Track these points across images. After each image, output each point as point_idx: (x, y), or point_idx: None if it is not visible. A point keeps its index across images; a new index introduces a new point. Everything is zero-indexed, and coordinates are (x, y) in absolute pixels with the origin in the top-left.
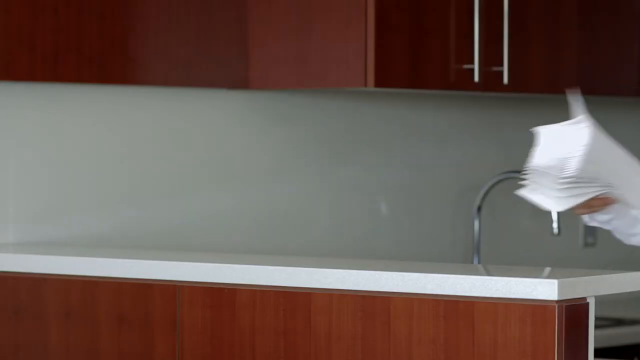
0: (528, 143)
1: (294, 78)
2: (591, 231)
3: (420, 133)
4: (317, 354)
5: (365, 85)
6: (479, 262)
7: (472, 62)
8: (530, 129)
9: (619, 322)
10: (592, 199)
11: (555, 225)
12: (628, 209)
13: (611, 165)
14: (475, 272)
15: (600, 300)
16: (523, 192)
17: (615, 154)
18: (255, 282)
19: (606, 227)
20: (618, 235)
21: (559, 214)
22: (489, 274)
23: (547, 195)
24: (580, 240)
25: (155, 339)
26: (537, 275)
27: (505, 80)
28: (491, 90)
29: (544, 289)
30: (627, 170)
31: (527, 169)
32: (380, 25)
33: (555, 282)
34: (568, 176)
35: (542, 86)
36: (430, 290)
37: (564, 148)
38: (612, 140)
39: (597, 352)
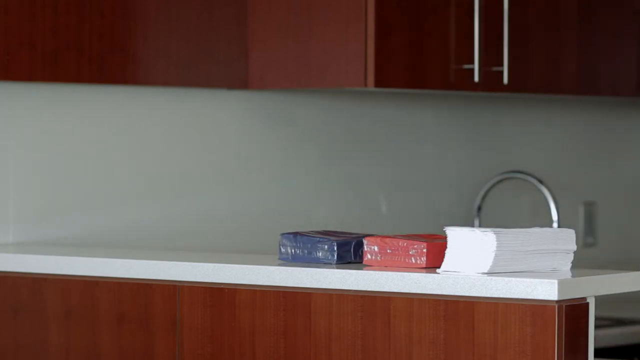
0: (528, 143)
1: (294, 78)
2: (591, 231)
3: (420, 133)
4: (317, 354)
5: (365, 85)
6: None
7: (472, 62)
8: (530, 131)
9: (619, 322)
10: None
11: (555, 225)
12: None
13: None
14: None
15: (600, 300)
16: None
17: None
18: (255, 282)
19: None
20: None
21: (559, 214)
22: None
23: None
24: (580, 240)
25: (155, 339)
26: (537, 275)
27: (505, 80)
28: (491, 90)
29: (544, 288)
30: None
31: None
32: (380, 25)
33: (555, 282)
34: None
35: (542, 86)
36: (430, 290)
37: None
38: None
39: (597, 352)
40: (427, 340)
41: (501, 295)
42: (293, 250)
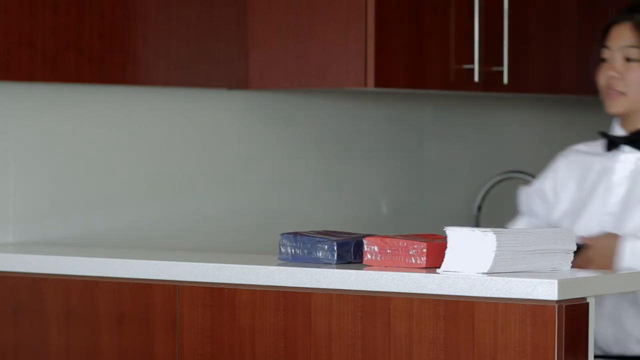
0: (528, 143)
1: (294, 78)
2: None
3: (420, 133)
4: (317, 354)
5: (365, 85)
6: None
7: (472, 62)
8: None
9: None
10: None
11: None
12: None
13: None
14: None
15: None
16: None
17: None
18: (255, 282)
19: None
20: None
21: None
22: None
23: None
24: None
25: (155, 339)
26: (537, 275)
27: (505, 80)
28: (491, 90)
29: (544, 288)
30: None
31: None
32: (380, 25)
33: (555, 282)
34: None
35: (542, 86)
36: (430, 290)
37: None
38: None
39: None
40: (427, 340)
41: (501, 295)
42: (293, 250)
